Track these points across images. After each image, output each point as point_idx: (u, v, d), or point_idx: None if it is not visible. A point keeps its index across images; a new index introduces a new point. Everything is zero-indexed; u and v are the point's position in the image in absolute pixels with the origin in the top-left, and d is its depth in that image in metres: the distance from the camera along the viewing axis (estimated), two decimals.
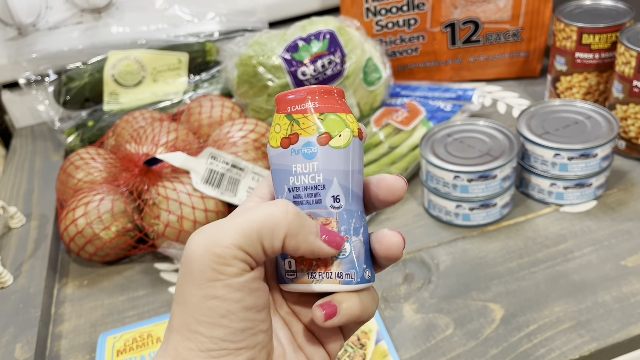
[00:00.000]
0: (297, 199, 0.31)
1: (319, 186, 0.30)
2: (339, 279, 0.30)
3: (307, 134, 0.30)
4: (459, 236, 0.62)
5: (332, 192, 0.30)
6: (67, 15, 0.84)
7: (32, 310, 0.57)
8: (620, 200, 0.64)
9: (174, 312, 0.27)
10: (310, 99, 0.31)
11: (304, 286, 0.30)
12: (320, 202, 0.30)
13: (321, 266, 0.30)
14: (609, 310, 0.52)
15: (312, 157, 0.30)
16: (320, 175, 0.30)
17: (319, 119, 0.30)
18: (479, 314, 0.53)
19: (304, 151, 0.30)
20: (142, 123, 0.72)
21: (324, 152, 0.30)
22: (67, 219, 0.61)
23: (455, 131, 0.66)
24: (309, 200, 0.31)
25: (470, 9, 0.82)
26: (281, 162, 0.31)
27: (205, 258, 0.26)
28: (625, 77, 0.66)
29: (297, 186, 0.31)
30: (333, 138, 0.30)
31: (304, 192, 0.31)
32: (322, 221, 0.30)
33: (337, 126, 0.30)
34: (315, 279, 0.30)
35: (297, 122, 0.31)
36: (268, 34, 0.75)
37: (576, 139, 0.62)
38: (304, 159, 0.30)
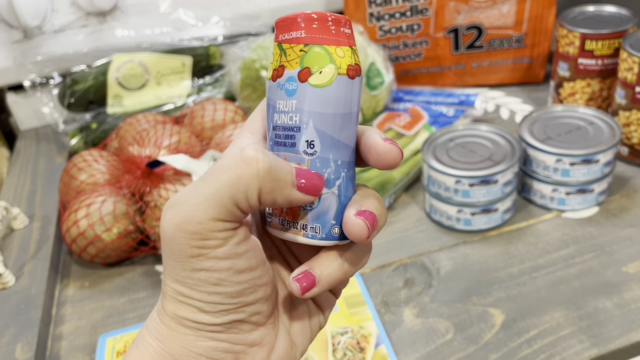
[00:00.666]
0: (278, 139, 0.28)
1: (295, 128, 0.27)
2: (303, 231, 0.28)
3: (291, 67, 0.27)
4: (460, 241, 0.62)
5: (306, 137, 0.27)
6: (72, 18, 0.85)
7: (33, 311, 0.57)
8: (622, 206, 0.64)
9: (166, 282, 0.26)
10: (299, 27, 0.26)
11: (276, 231, 0.29)
12: (294, 145, 0.27)
13: (289, 214, 0.28)
14: (609, 316, 0.51)
15: (292, 95, 0.27)
16: (297, 115, 0.27)
17: (303, 50, 0.26)
18: (479, 319, 0.53)
19: (287, 87, 0.27)
20: (145, 126, 0.72)
21: (302, 90, 0.26)
22: (69, 221, 0.61)
23: (457, 136, 0.66)
24: (285, 142, 0.27)
25: (473, 14, 0.82)
26: (270, 95, 0.28)
27: (181, 237, 0.25)
28: (627, 84, 0.65)
29: (278, 125, 0.27)
30: (312, 75, 0.26)
31: (282, 133, 0.27)
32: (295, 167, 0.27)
33: (319, 61, 0.26)
34: (284, 227, 0.28)
35: (285, 53, 0.27)
36: (271, 37, 0.76)
37: (578, 144, 0.61)
38: (285, 96, 0.27)
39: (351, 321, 0.53)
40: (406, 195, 0.69)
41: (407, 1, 0.82)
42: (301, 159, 0.27)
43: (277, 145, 0.28)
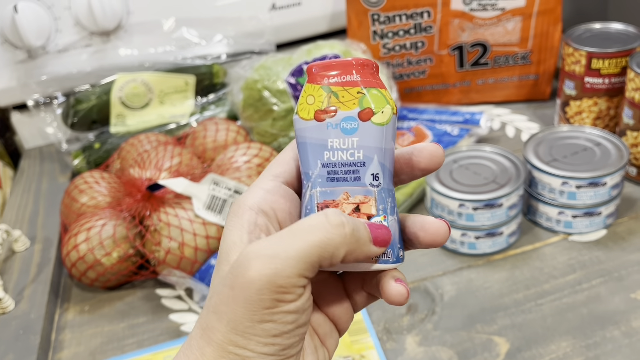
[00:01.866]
0: (333, 174, 0.30)
1: (359, 163, 0.30)
2: (376, 258, 0.30)
3: (347, 108, 0.29)
4: (464, 265, 0.61)
5: (371, 170, 0.30)
6: (76, 38, 0.85)
7: (32, 337, 0.56)
8: (630, 229, 0.62)
9: (214, 327, 0.26)
10: (353, 72, 0.30)
11: (344, 266, 0.30)
12: (359, 179, 0.30)
13: None
14: (617, 346, 0.50)
15: (352, 133, 0.29)
16: (360, 152, 0.29)
17: (360, 93, 0.29)
18: (483, 348, 0.52)
19: (343, 126, 0.29)
20: (147, 146, 0.72)
21: (365, 128, 0.29)
22: (69, 244, 0.61)
23: (461, 157, 0.65)
24: (346, 177, 0.30)
25: (478, 31, 0.82)
26: (314, 135, 0.30)
27: (267, 290, 0.26)
28: (635, 104, 0.64)
29: (333, 162, 0.30)
30: (375, 114, 0.29)
31: (340, 169, 0.30)
32: (361, 199, 0.30)
33: (379, 102, 0.30)
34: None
35: (336, 95, 0.29)
36: (274, 57, 0.75)
37: (585, 166, 0.60)
38: (342, 134, 0.29)
39: (352, 350, 0.52)
40: None
41: (410, 19, 0.81)
42: (368, 191, 0.30)
43: (332, 180, 0.30)
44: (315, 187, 0.30)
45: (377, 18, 0.81)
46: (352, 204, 0.30)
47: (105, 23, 0.83)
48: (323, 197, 0.30)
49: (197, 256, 0.59)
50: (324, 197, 0.30)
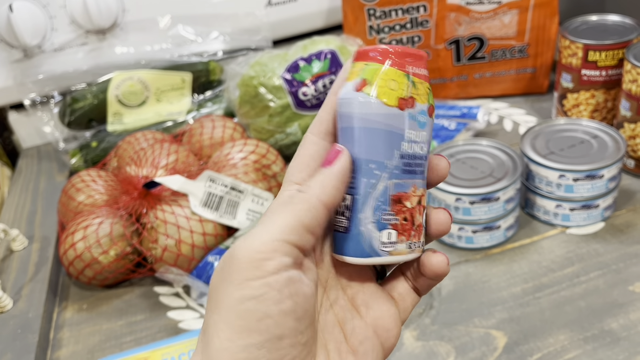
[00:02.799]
0: (407, 167, 0.29)
1: (424, 157, 0.30)
2: (422, 247, 0.31)
3: (421, 101, 0.29)
4: (462, 259, 0.61)
5: (427, 164, 0.30)
6: (72, 36, 0.85)
7: (30, 336, 0.56)
8: (628, 221, 0.62)
9: (208, 321, 0.26)
10: (425, 65, 0.30)
11: (400, 257, 0.30)
12: (423, 173, 0.30)
13: (416, 236, 0.30)
14: (615, 338, 0.50)
15: (423, 126, 0.29)
16: (426, 146, 0.30)
17: (429, 88, 0.30)
18: (481, 342, 0.51)
19: (419, 118, 0.29)
20: (144, 144, 0.71)
21: (430, 124, 0.30)
22: (66, 243, 0.61)
23: (458, 151, 0.64)
24: (415, 170, 0.29)
25: (474, 25, 0.81)
26: (393, 122, 0.28)
27: (245, 256, 0.25)
28: (632, 95, 0.64)
29: (409, 154, 0.29)
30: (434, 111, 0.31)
31: (413, 161, 0.29)
32: (422, 192, 0.30)
33: (432, 99, 0.30)
34: (411, 249, 0.30)
35: (415, 86, 0.29)
36: (269, 54, 0.75)
37: (582, 159, 0.60)
38: (417, 127, 0.29)
39: None
40: None
41: (406, 13, 0.81)
42: (425, 184, 0.30)
43: (407, 173, 0.29)
44: (391, 177, 0.29)
45: (373, 13, 0.81)
46: (417, 196, 0.30)
47: (100, 21, 0.83)
48: (397, 189, 0.29)
49: (194, 253, 0.59)
50: (398, 189, 0.29)
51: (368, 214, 0.29)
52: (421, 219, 0.30)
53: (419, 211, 0.30)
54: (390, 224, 0.29)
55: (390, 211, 0.29)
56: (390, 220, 0.29)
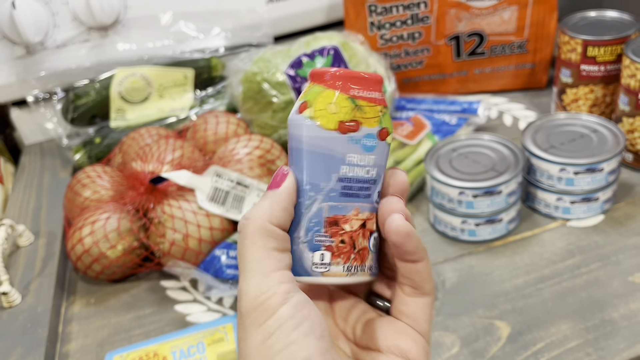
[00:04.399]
0: (347, 190, 0.29)
1: (371, 180, 0.30)
2: (369, 272, 0.30)
3: (369, 124, 0.29)
4: (465, 252, 0.62)
5: (378, 188, 0.30)
6: (74, 33, 0.85)
7: (40, 330, 0.57)
8: (628, 214, 0.63)
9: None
10: (373, 88, 0.29)
11: (335, 279, 0.30)
12: (369, 197, 0.30)
13: (358, 259, 0.30)
14: (616, 328, 0.51)
15: (370, 150, 0.29)
16: (374, 170, 0.30)
17: (382, 112, 0.29)
18: (485, 332, 0.53)
19: (364, 142, 0.29)
20: (148, 140, 0.72)
21: (381, 147, 0.30)
22: (74, 238, 0.61)
23: (460, 146, 0.65)
24: (358, 194, 0.29)
25: (474, 21, 0.82)
26: (332, 147, 0.29)
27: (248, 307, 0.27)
28: (631, 90, 0.65)
29: (349, 177, 0.29)
30: (389, 134, 0.30)
31: (355, 185, 0.29)
32: (367, 216, 0.30)
33: (390, 122, 0.30)
34: (351, 272, 0.30)
35: (361, 109, 0.29)
36: (272, 50, 0.76)
37: (582, 153, 0.61)
38: (361, 150, 0.29)
39: None
40: (410, 205, 0.69)
41: (407, 9, 0.82)
42: (373, 208, 0.30)
43: (346, 196, 0.29)
44: (326, 200, 0.29)
45: (374, 9, 0.82)
46: (361, 220, 0.30)
47: (103, 18, 0.83)
48: (334, 212, 0.29)
49: (201, 247, 0.60)
50: (334, 212, 0.29)
51: (301, 233, 0.29)
52: (366, 242, 0.30)
53: (363, 235, 0.30)
54: (323, 246, 0.29)
55: (325, 233, 0.29)
56: (324, 241, 0.29)
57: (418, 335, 0.31)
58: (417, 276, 0.30)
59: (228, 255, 0.57)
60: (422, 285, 0.31)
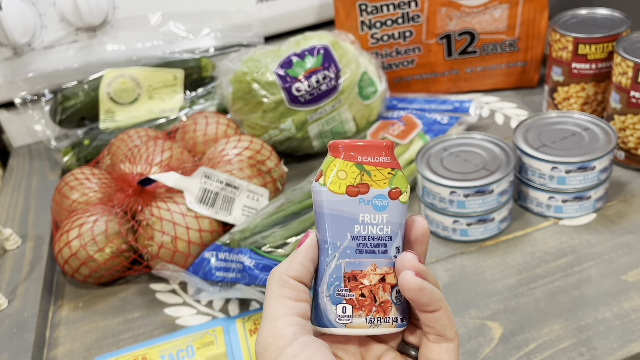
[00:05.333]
0: (361, 247, 0.32)
1: (386, 237, 0.32)
2: (394, 323, 0.33)
3: (378, 186, 0.32)
4: (457, 252, 0.61)
5: (396, 244, 0.33)
6: (62, 34, 0.84)
7: (27, 335, 0.56)
8: (619, 212, 0.63)
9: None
10: (380, 154, 0.33)
11: (359, 330, 0.32)
12: (386, 252, 0.32)
13: (380, 312, 0.32)
14: (609, 327, 0.51)
15: (382, 210, 0.32)
16: (388, 227, 0.32)
17: (391, 174, 0.32)
18: (477, 333, 0.52)
19: (375, 203, 0.32)
20: (137, 142, 0.71)
21: (393, 206, 0.32)
22: (61, 241, 0.61)
23: (451, 145, 0.65)
24: (374, 250, 0.32)
25: (465, 20, 0.82)
26: (345, 209, 0.32)
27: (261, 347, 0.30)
28: (622, 88, 0.65)
29: (363, 235, 0.32)
30: (402, 194, 0.32)
31: (370, 242, 0.32)
32: (386, 270, 0.32)
33: (403, 182, 0.33)
34: (374, 324, 0.32)
35: (369, 174, 0.32)
36: (262, 50, 0.75)
37: (573, 151, 0.61)
38: (373, 210, 0.32)
39: None
40: None
41: (398, 8, 0.81)
42: (392, 263, 0.33)
43: (361, 252, 0.32)
44: (343, 257, 0.32)
45: (365, 8, 0.81)
46: (379, 274, 0.32)
47: (91, 18, 0.82)
48: (351, 268, 0.32)
49: (190, 250, 0.59)
50: (351, 268, 0.32)
51: (324, 288, 0.33)
52: (387, 295, 0.33)
53: (384, 288, 0.32)
54: (344, 299, 0.32)
55: (344, 287, 0.32)
56: (345, 295, 0.32)
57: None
58: (438, 324, 0.32)
59: (217, 258, 0.56)
60: (444, 332, 0.33)
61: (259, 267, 0.53)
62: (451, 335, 0.33)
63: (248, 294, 0.54)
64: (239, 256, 0.55)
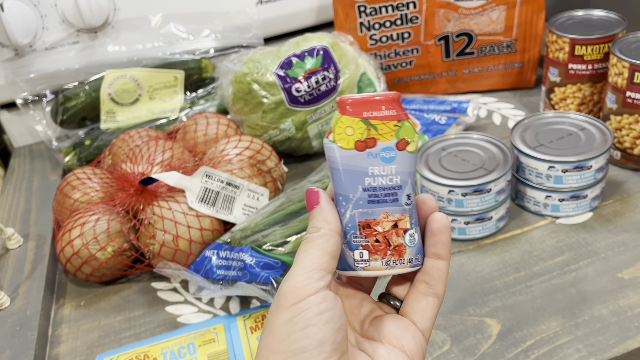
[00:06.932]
0: (373, 197, 0.34)
1: (396, 187, 0.34)
2: (409, 264, 0.35)
3: (385, 139, 0.34)
4: (455, 250, 0.62)
5: (406, 192, 0.34)
6: (63, 35, 0.85)
7: (29, 333, 0.57)
8: (616, 211, 0.64)
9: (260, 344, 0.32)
10: (385, 107, 0.34)
11: (377, 272, 0.35)
12: (397, 200, 0.34)
13: (395, 254, 0.35)
14: (606, 324, 0.51)
15: (390, 161, 0.34)
16: (397, 177, 0.34)
17: (397, 126, 0.34)
18: (475, 330, 0.53)
19: (383, 155, 0.34)
20: (138, 142, 0.72)
21: (401, 157, 0.34)
22: (63, 240, 0.61)
23: (449, 145, 0.66)
24: (385, 200, 0.34)
25: (463, 21, 0.83)
26: (354, 163, 0.34)
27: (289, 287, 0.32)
28: (618, 88, 0.66)
29: (373, 186, 0.34)
30: (409, 144, 0.34)
31: (380, 192, 0.34)
32: (398, 217, 0.34)
33: (410, 133, 0.34)
34: (390, 266, 0.35)
35: (375, 128, 0.34)
36: (262, 50, 0.76)
37: (570, 151, 0.62)
38: (382, 162, 0.34)
39: None
40: None
41: (396, 10, 0.82)
42: (404, 209, 0.34)
43: (373, 202, 0.34)
44: (356, 207, 0.34)
45: (364, 10, 0.82)
46: (392, 221, 0.34)
47: (92, 20, 0.83)
48: (364, 217, 0.34)
49: (191, 248, 0.60)
50: (365, 217, 0.34)
51: (342, 237, 0.35)
52: (401, 239, 0.35)
53: (397, 233, 0.35)
54: (361, 245, 0.34)
55: (360, 235, 0.35)
56: (361, 242, 0.35)
57: (419, 334, 0.35)
58: (436, 273, 0.35)
59: (218, 256, 0.57)
60: (436, 285, 0.35)
61: (260, 265, 0.54)
62: (440, 291, 0.35)
63: (249, 292, 0.55)
64: (239, 254, 0.55)
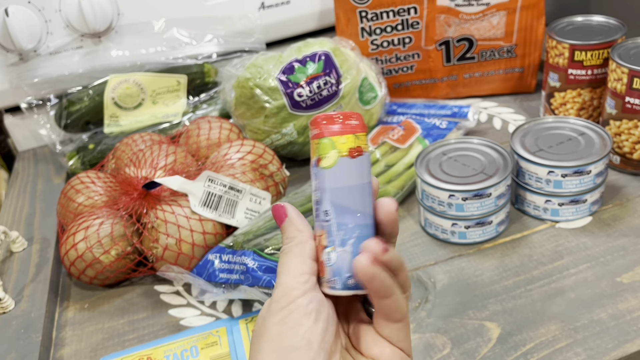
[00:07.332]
0: (315, 212, 0.36)
1: (318, 202, 0.35)
2: (327, 284, 0.35)
3: (314, 156, 0.36)
4: (455, 254, 0.62)
5: (323, 208, 0.35)
6: (67, 40, 0.86)
7: (34, 335, 0.57)
8: (615, 215, 0.64)
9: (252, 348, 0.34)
10: (316, 126, 0.35)
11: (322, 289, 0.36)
12: (318, 215, 0.35)
13: (322, 271, 0.35)
14: (605, 328, 0.52)
15: (316, 178, 0.35)
16: (318, 192, 0.35)
17: (317, 143, 0.35)
18: (475, 333, 0.53)
19: (314, 172, 0.36)
20: (142, 146, 0.72)
21: (319, 173, 0.35)
22: (67, 244, 0.62)
23: (450, 149, 0.66)
24: (317, 214, 0.35)
25: (464, 27, 0.83)
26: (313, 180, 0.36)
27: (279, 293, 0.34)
28: (617, 94, 0.66)
29: (313, 200, 0.36)
30: (322, 160, 0.35)
31: (314, 207, 0.36)
32: (318, 233, 0.35)
33: (325, 149, 0.34)
34: (320, 284, 0.36)
35: (314, 147, 0.36)
36: (264, 55, 0.76)
37: (570, 156, 0.62)
38: (314, 179, 0.36)
39: None
40: (401, 208, 0.70)
41: (397, 15, 0.83)
42: (322, 226, 0.35)
43: (315, 217, 0.36)
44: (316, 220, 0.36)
45: (365, 15, 0.83)
46: (317, 237, 0.36)
47: (95, 25, 0.84)
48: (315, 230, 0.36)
49: (194, 252, 0.60)
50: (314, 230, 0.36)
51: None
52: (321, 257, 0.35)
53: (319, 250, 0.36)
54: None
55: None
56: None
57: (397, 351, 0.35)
58: (386, 309, 0.34)
59: (221, 260, 0.58)
60: (390, 316, 0.35)
61: (262, 269, 0.54)
62: (397, 317, 0.35)
63: (251, 295, 0.55)
64: (242, 258, 0.56)
